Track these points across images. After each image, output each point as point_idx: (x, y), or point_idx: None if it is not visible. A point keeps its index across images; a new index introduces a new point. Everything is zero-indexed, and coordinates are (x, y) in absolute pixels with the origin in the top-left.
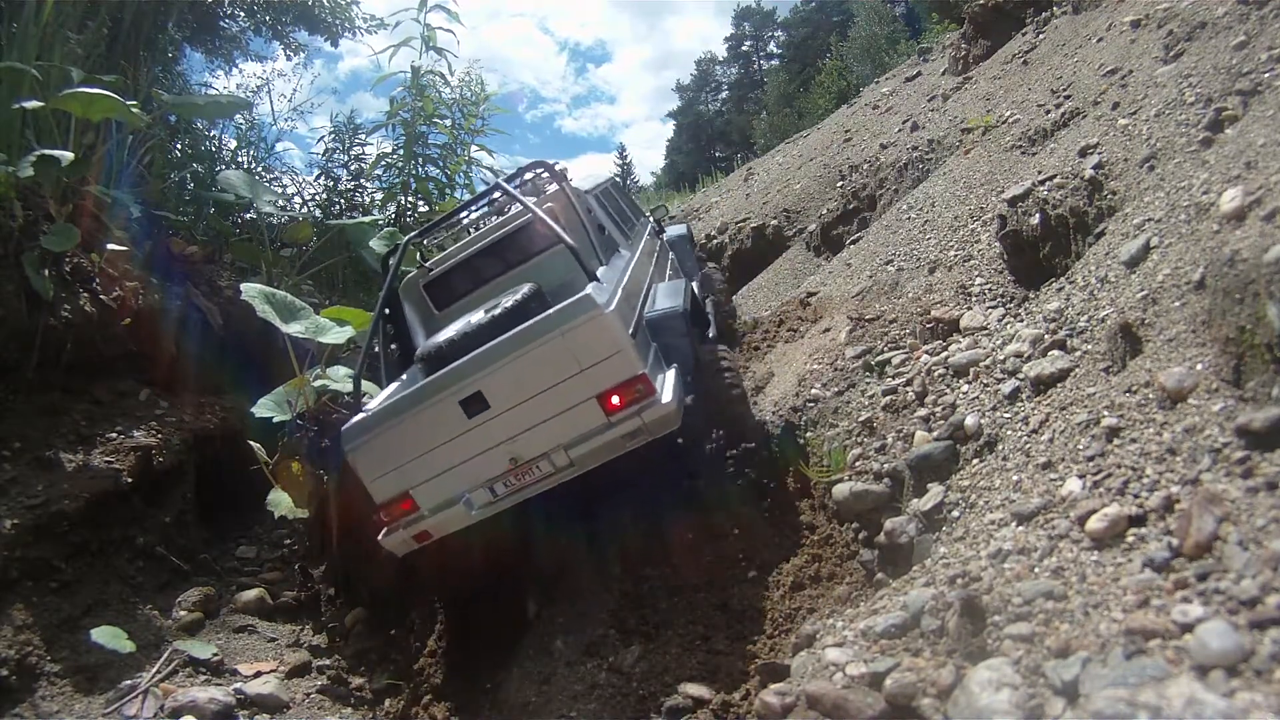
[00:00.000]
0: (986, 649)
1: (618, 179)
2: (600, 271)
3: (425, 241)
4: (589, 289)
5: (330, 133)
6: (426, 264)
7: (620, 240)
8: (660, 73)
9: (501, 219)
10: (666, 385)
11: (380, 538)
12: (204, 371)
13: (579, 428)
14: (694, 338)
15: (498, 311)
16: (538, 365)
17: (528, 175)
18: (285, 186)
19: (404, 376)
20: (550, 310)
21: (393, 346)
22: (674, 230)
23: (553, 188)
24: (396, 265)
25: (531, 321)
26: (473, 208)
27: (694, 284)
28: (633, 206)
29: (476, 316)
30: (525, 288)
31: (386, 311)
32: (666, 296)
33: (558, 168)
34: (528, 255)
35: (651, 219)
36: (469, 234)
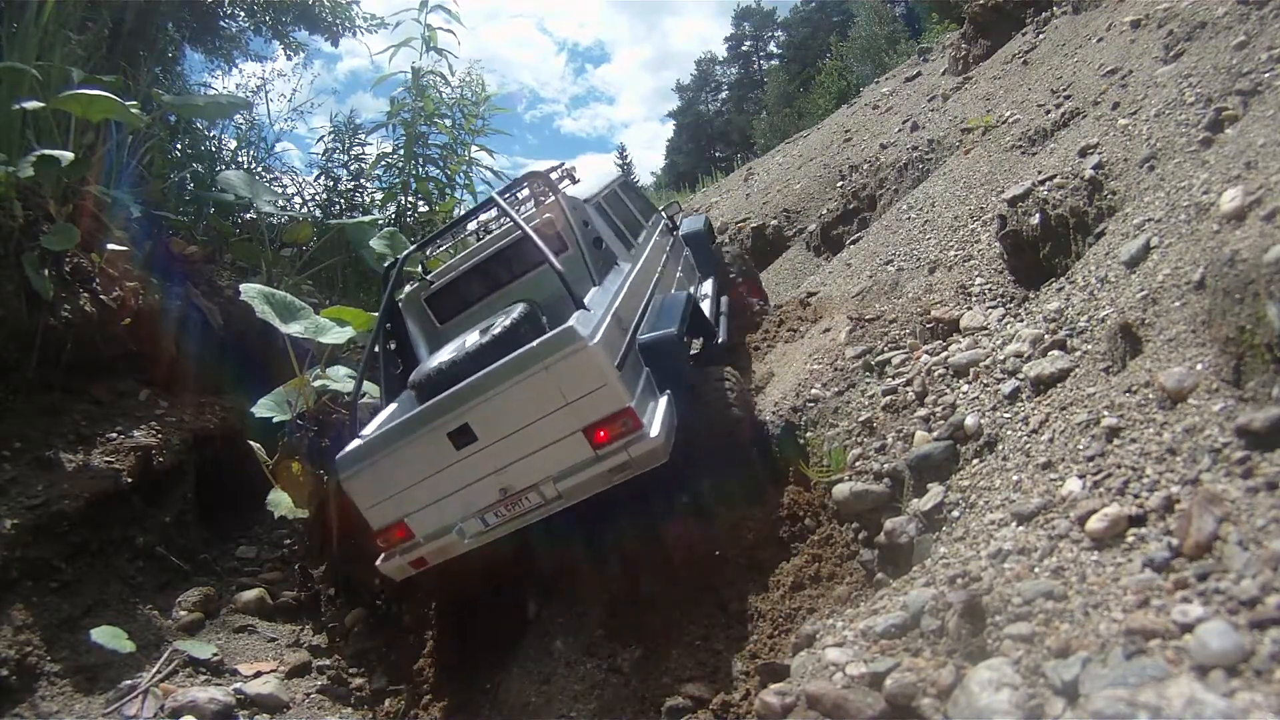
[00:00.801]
0: (986, 649)
1: (627, 177)
2: (591, 294)
3: (429, 252)
4: (574, 320)
5: (330, 133)
6: (428, 277)
7: (621, 251)
8: (659, 73)
9: (504, 228)
10: (656, 417)
11: (378, 564)
12: (204, 371)
13: (567, 460)
14: (687, 363)
15: (487, 338)
16: (523, 398)
17: (530, 185)
18: (285, 186)
19: (404, 395)
20: (534, 342)
21: (396, 362)
22: (690, 223)
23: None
24: (393, 282)
25: (515, 354)
26: (472, 218)
27: (706, 284)
28: (643, 204)
29: (471, 338)
30: (517, 309)
31: (387, 327)
32: (662, 316)
33: (566, 167)
34: (528, 267)
35: (664, 216)
36: (478, 239)
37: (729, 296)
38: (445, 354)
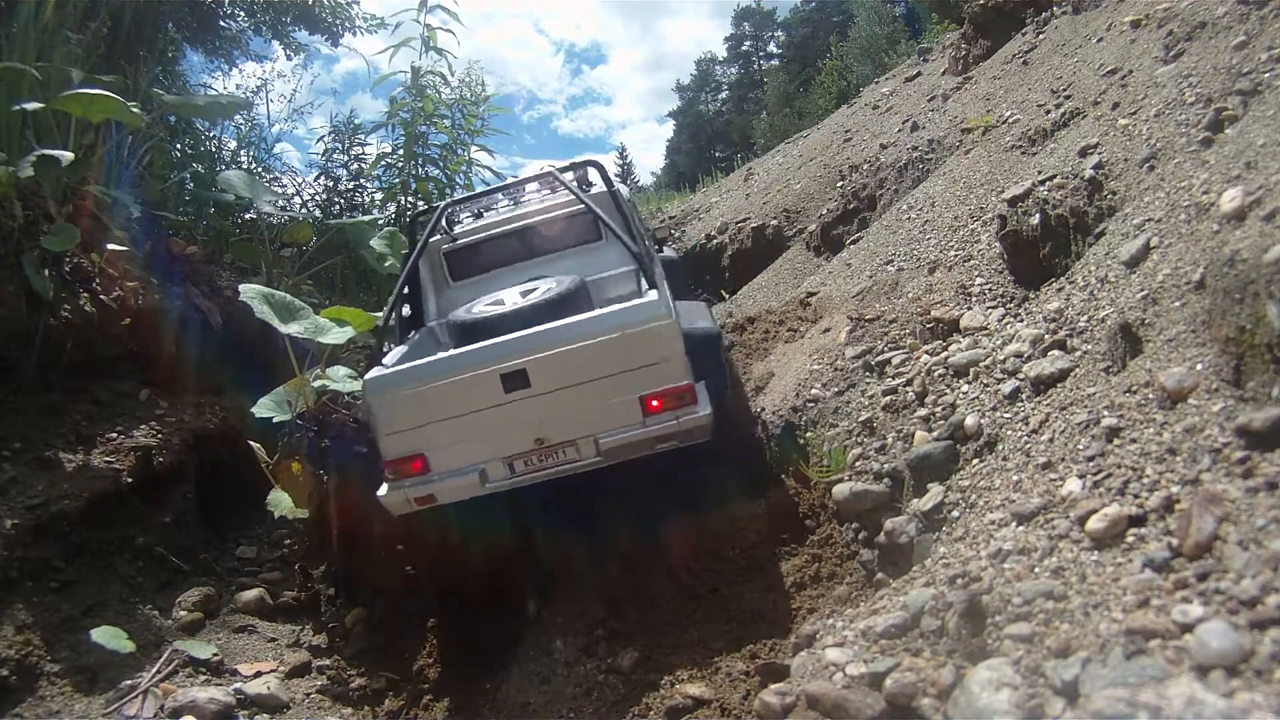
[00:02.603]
0: (986, 649)
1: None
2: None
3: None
4: (653, 295)
5: (330, 132)
6: (453, 232)
7: (654, 252)
8: (655, 74)
9: (530, 205)
10: (703, 398)
11: (380, 494)
12: (204, 371)
13: (615, 422)
14: (725, 358)
15: (551, 295)
16: (591, 357)
17: (577, 171)
18: (285, 186)
19: (413, 336)
20: (615, 308)
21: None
22: (666, 253)
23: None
24: (430, 230)
25: (594, 314)
26: (521, 185)
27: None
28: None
29: (510, 296)
30: (570, 279)
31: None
32: (698, 316)
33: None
34: (557, 246)
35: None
36: (476, 216)
37: None
38: (486, 305)
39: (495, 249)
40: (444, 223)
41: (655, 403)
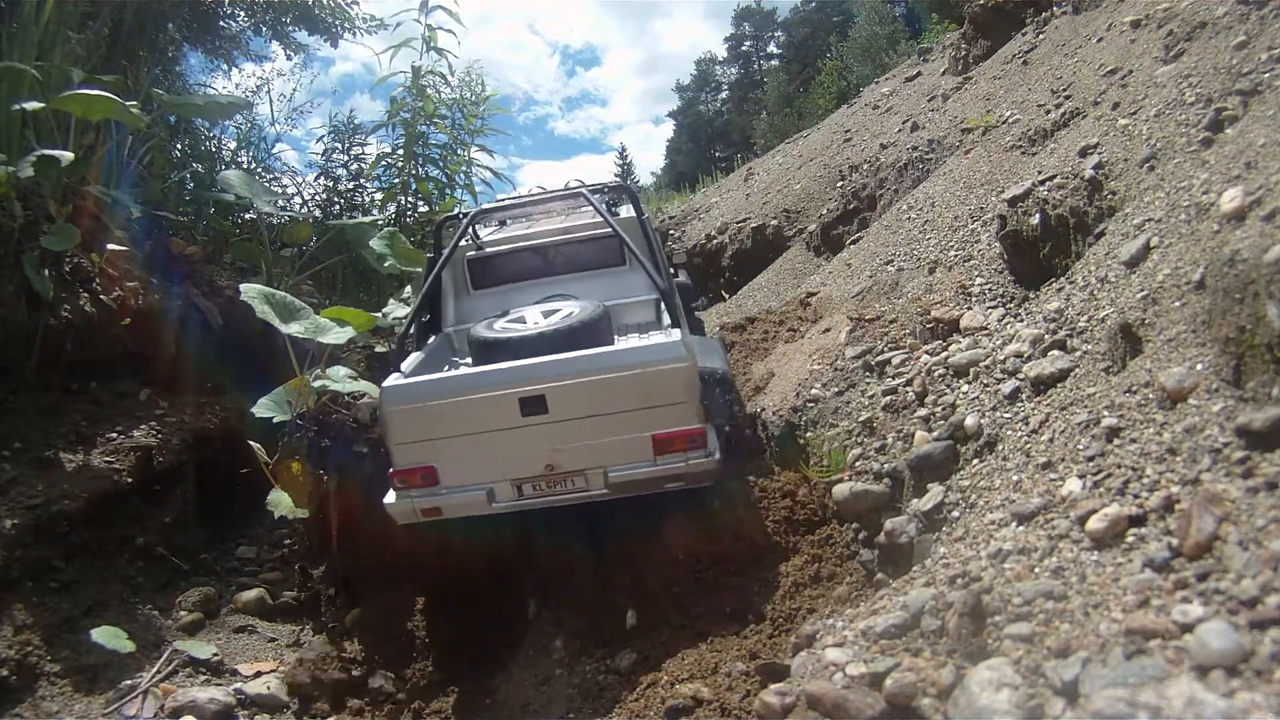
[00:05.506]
0: (986, 649)
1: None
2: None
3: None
4: (676, 335)
5: (330, 133)
6: (479, 241)
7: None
8: (650, 75)
9: (554, 221)
10: (713, 440)
11: (386, 501)
12: (204, 371)
13: (624, 456)
14: (735, 398)
15: (574, 320)
16: (610, 390)
17: (606, 195)
18: (285, 187)
19: (431, 341)
20: (639, 344)
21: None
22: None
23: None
24: (458, 237)
25: (617, 347)
26: (550, 199)
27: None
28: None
29: (532, 315)
30: (593, 304)
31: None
32: (709, 356)
33: (573, 182)
34: (580, 267)
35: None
36: (506, 224)
37: None
38: (509, 323)
39: (519, 262)
40: (472, 230)
41: (667, 442)
